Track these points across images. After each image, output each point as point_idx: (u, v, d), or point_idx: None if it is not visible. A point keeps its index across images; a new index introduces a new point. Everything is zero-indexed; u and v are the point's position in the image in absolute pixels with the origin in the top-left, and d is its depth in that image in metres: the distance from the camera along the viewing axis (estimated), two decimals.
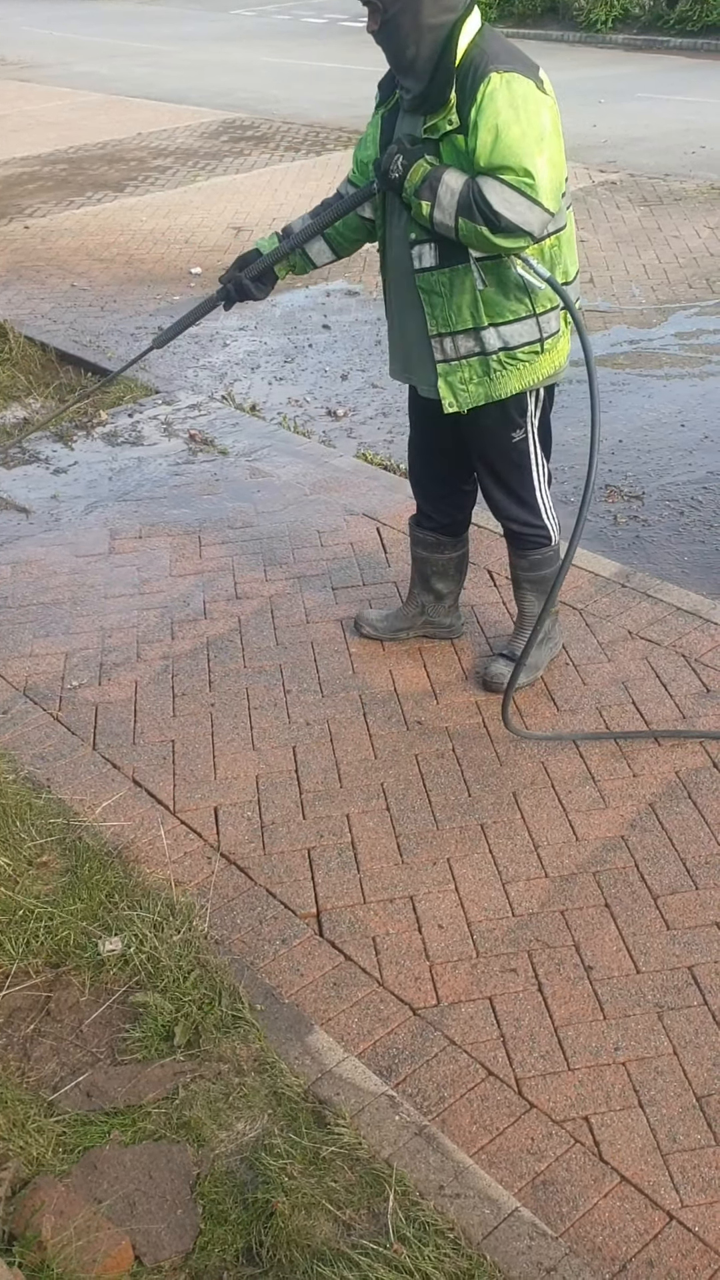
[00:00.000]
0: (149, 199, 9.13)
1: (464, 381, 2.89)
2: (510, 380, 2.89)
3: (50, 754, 3.18)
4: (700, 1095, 2.22)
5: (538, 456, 3.09)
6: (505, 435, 3.02)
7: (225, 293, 3.10)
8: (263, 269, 3.03)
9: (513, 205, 2.58)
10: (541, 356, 2.89)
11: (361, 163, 2.99)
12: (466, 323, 2.83)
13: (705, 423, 5.26)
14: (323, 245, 3.04)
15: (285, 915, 2.64)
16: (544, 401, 3.04)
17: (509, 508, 3.15)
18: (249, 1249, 2.01)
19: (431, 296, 2.83)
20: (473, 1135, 2.16)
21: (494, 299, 2.79)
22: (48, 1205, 1.97)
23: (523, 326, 2.82)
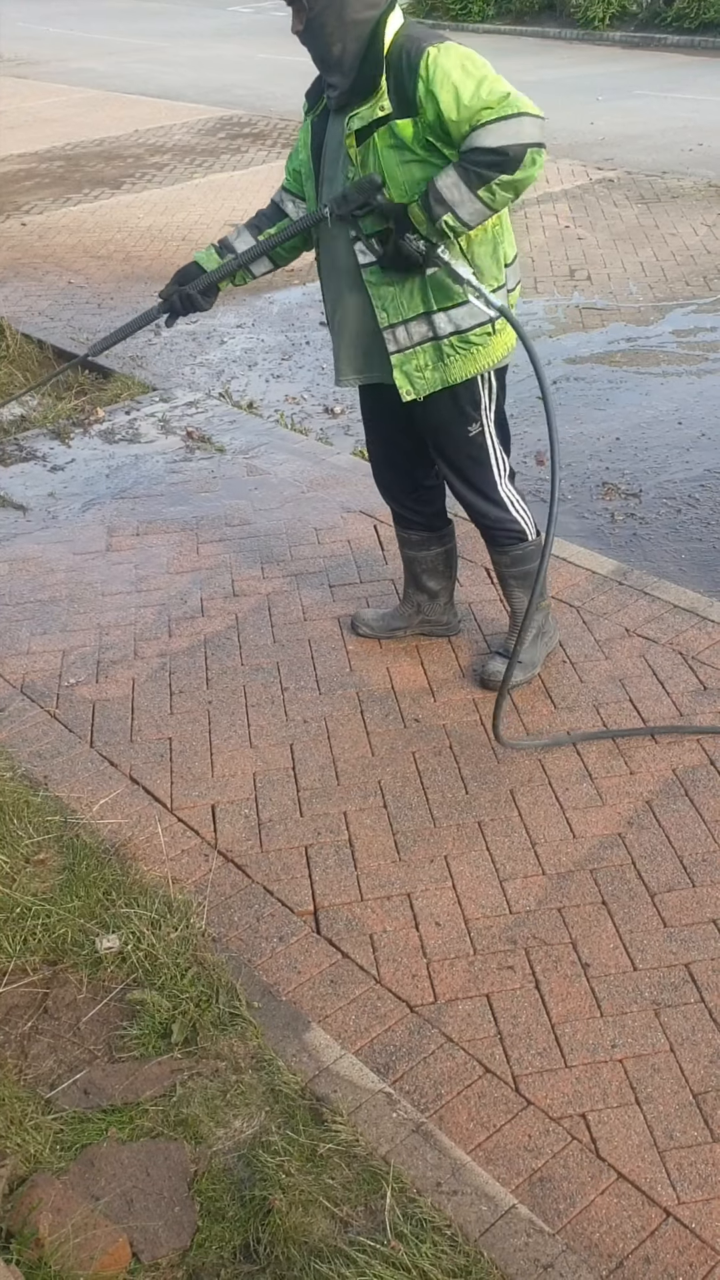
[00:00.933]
0: (146, 196, 9.13)
1: (419, 369, 2.90)
2: (464, 364, 2.89)
3: (47, 751, 3.18)
4: (697, 1092, 2.22)
5: (496, 451, 3.09)
6: (461, 430, 3.02)
7: (169, 306, 3.09)
8: (209, 284, 3.05)
9: (508, 133, 2.55)
10: (494, 338, 2.90)
11: (294, 172, 3.01)
12: (417, 308, 2.83)
13: (702, 420, 5.26)
14: (263, 258, 3.06)
15: (282, 913, 2.64)
16: (497, 393, 3.04)
17: (476, 505, 3.16)
18: (246, 1246, 2.01)
19: (380, 289, 2.83)
20: (470, 1132, 2.17)
21: (442, 283, 2.79)
22: (45, 1202, 1.97)
23: (471, 308, 2.82)
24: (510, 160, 2.57)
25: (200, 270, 3.08)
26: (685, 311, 6.46)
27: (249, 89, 13.51)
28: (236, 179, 9.49)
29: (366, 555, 4.04)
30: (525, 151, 2.57)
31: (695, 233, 7.66)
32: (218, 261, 3.07)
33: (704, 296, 6.63)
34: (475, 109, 2.55)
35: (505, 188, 2.62)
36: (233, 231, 3.12)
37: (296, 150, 2.99)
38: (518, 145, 2.55)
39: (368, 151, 2.70)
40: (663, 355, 5.97)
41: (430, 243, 2.69)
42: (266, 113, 12.09)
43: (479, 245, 2.79)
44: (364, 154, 2.71)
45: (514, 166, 2.57)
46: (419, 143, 2.65)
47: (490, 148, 2.56)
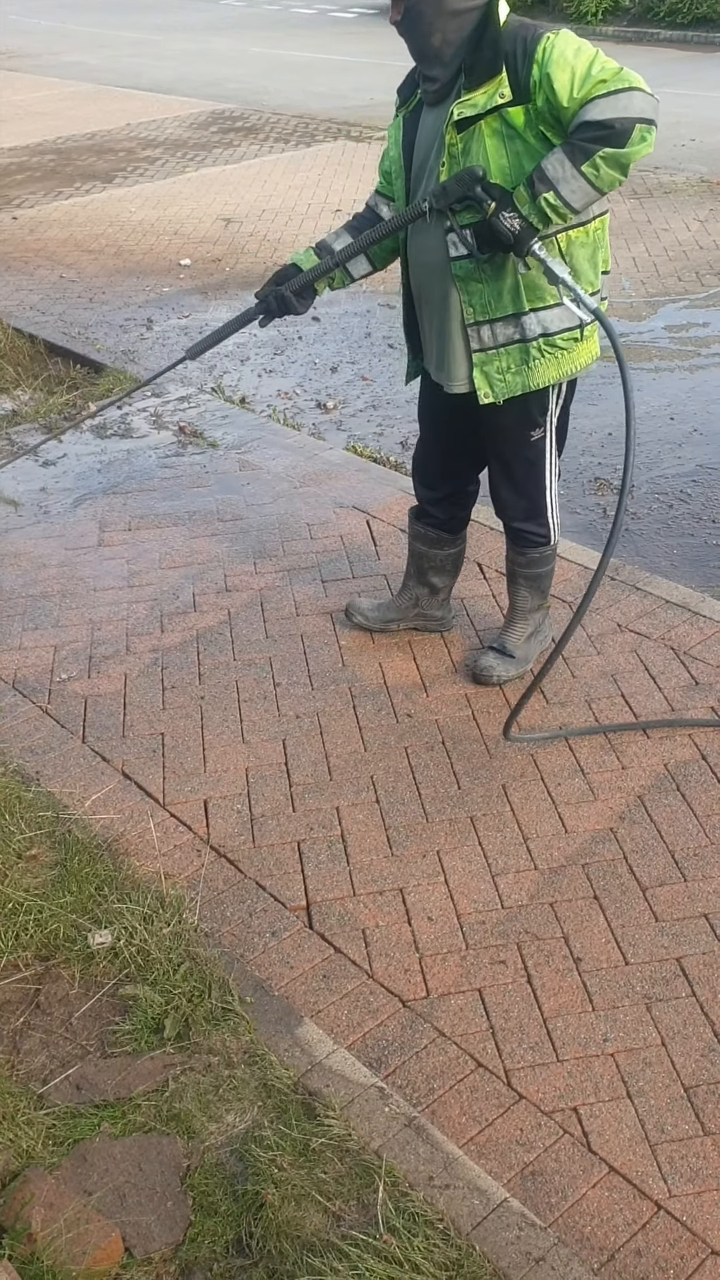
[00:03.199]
0: (138, 190, 9.10)
1: (501, 371, 2.83)
2: (548, 369, 2.83)
3: (39, 747, 3.18)
4: (688, 1086, 2.23)
5: (552, 457, 3.05)
6: (525, 434, 2.97)
7: (265, 306, 3.04)
8: (304, 284, 2.99)
9: (617, 106, 2.47)
10: (580, 344, 2.84)
11: (385, 173, 2.94)
12: (507, 308, 2.76)
13: (694, 416, 5.27)
14: (362, 258, 2.99)
15: (275, 908, 2.65)
16: (565, 399, 2.99)
17: (516, 507, 3.12)
18: (239, 1240, 2.01)
19: (469, 284, 2.76)
20: (462, 1126, 2.17)
21: (535, 283, 2.73)
22: (38, 1198, 1.97)
23: (563, 311, 2.76)
24: (617, 134, 2.47)
25: (297, 271, 3.01)
26: (678, 307, 6.46)
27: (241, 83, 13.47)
28: (229, 173, 9.46)
29: (359, 550, 4.04)
30: (634, 126, 2.48)
31: (688, 228, 7.66)
32: (315, 262, 3.00)
33: (696, 292, 6.63)
34: (588, 88, 2.48)
35: (610, 164, 2.51)
36: (331, 234, 3.06)
37: (386, 150, 2.93)
38: (626, 119, 2.47)
39: (470, 140, 2.63)
40: (655, 351, 5.97)
41: (527, 223, 2.58)
42: (259, 107, 12.05)
43: (579, 247, 2.73)
44: (466, 143, 2.64)
45: (621, 140, 2.48)
46: (530, 130, 2.59)
47: (598, 121, 2.48)
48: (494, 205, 2.59)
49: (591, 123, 2.49)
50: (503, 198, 2.60)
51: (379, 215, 3.00)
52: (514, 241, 2.61)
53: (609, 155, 2.50)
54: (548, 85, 2.52)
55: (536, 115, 2.57)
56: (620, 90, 2.48)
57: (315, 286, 3.03)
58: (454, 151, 2.66)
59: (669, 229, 7.66)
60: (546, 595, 3.33)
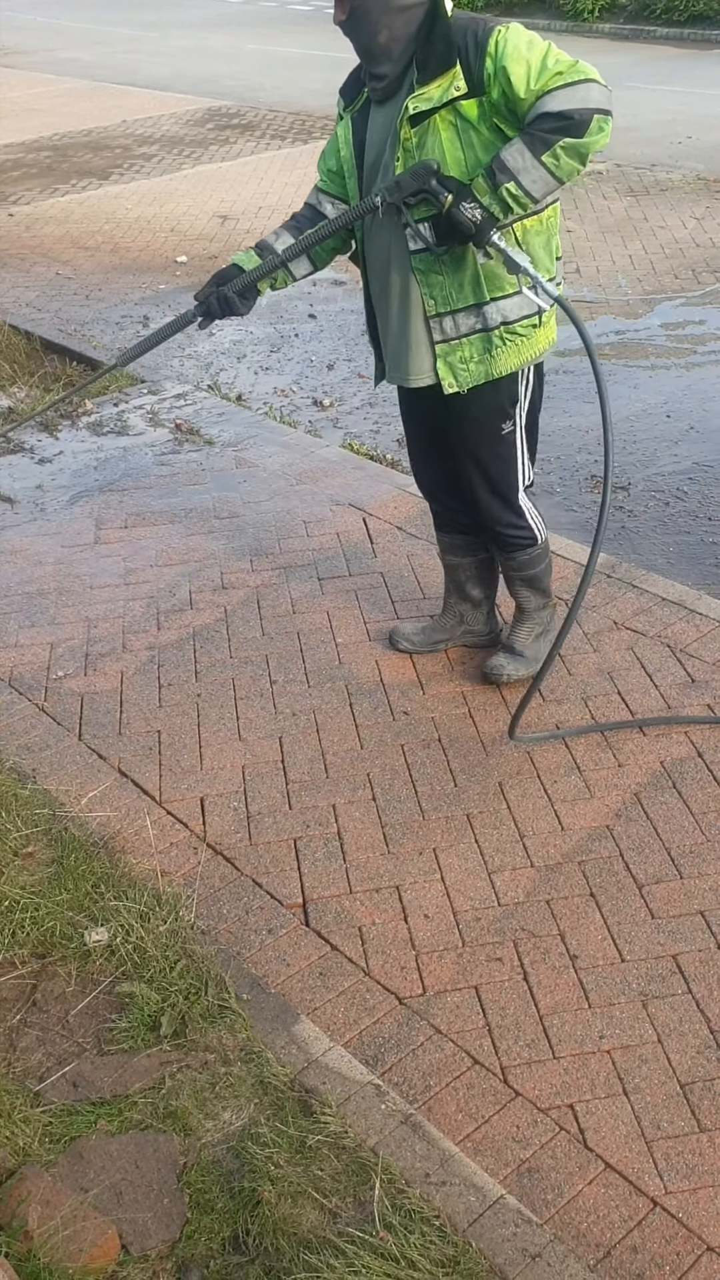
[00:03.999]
0: (134, 187, 9.09)
1: (464, 360, 2.85)
2: (510, 356, 2.85)
3: (36, 744, 3.17)
4: (684, 1083, 2.23)
5: (523, 453, 3.06)
6: (495, 427, 2.99)
7: (206, 308, 3.01)
8: (247, 284, 2.96)
9: (575, 97, 2.50)
10: (538, 330, 2.86)
11: (330, 172, 2.94)
12: (468, 299, 2.77)
13: (690, 413, 5.27)
14: (304, 258, 2.98)
15: (271, 905, 2.65)
16: (533, 391, 3.01)
17: (494, 510, 3.11)
18: (235, 1237, 2.01)
19: (430, 276, 2.77)
20: (458, 1123, 2.17)
21: (494, 273, 2.74)
22: (34, 1195, 1.97)
23: (521, 299, 2.78)
24: (576, 124, 2.51)
25: (239, 271, 2.97)
26: (674, 304, 6.46)
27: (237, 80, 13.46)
28: (225, 170, 9.45)
29: (355, 548, 4.04)
30: (592, 117, 2.51)
31: (684, 226, 7.66)
32: (257, 262, 2.96)
33: (693, 290, 6.63)
34: (544, 80, 2.50)
35: (570, 153, 2.54)
36: (270, 234, 3.03)
37: (330, 150, 2.92)
38: (584, 109, 2.50)
39: (425, 134, 2.63)
40: (651, 348, 5.97)
41: (488, 214, 2.58)
42: (255, 104, 12.04)
43: (535, 235, 2.74)
44: (420, 137, 2.64)
45: (580, 130, 2.51)
46: (484, 123, 2.60)
47: (556, 112, 2.50)
48: (451, 197, 2.60)
49: (551, 114, 2.51)
50: (460, 190, 2.61)
51: (321, 213, 2.98)
52: (475, 232, 2.61)
53: (569, 145, 2.53)
54: (503, 78, 2.53)
55: (491, 108, 2.58)
56: (577, 82, 2.51)
57: (258, 287, 3.00)
58: (409, 146, 2.66)
59: (665, 226, 7.66)
60: (549, 593, 3.31)
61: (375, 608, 3.71)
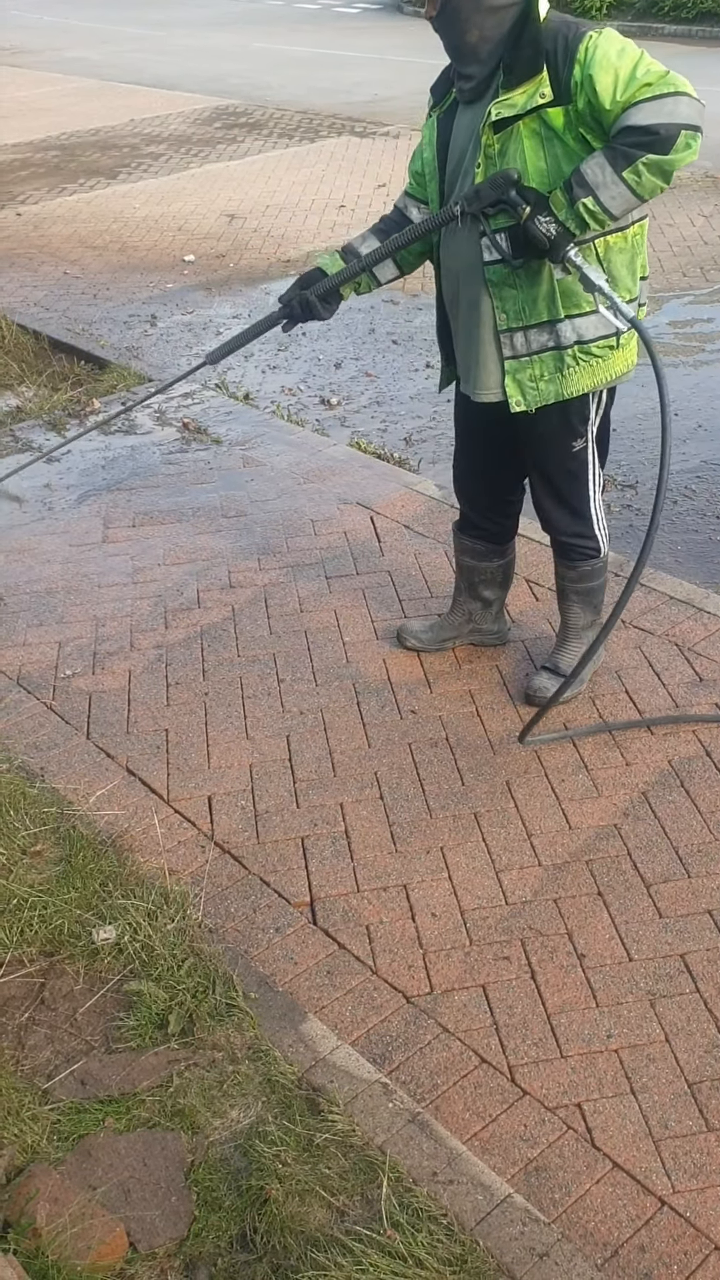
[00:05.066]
0: (142, 186, 9.09)
1: (534, 379, 2.75)
2: (583, 377, 2.75)
3: (44, 743, 3.18)
4: (692, 1082, 2.23)
5: (595, 466, 2.97)
6: (566, 444, 2.90)
7: (289, 311, 2.96)
8: (330, 288, 2.91)
9: (662, 111, 2.39)
10: (616, 352, 2.76)
11: (417, 174, 2.86)
12: (541, 315, 2.68)
13: (699, 412, 5.26)
14: (389, 263, 2.91)
15: (279, 904, 2.65)
16: (605, 408, 2.93)
17: (560, 519, 3.04)
18: (243, 1235, 2.02)
19: (503, 289, 2.68)
20: (466, 1122, 2.17)
21: (571, 289, 2.64)
22: (42, 1192, 1.97)
23: (599, 318, 2.67)
24: (661, 140, 2.39)
25: (322, 275, 2.92)
26: (682, 302, 6.45)
27: (244, 78, 13.45)
28: (233, 169, 9.45)
29: (363, 547, 4.03)
30: (679, 132, 2.39)
31: (692, 223, 7.64)
32: (341, 266, 2.90)
33: (701, 287, 6.62)
34: (633, 90, 2.40)
35: (653, 170, 2.42)
36: (357, 237, 2.97)
37: (419, 151, 2.83)
38: (671, 124, 2.38)
39: (508, 141, 2.55)
40: (659, 346, 5.96)
41: (564, 229, 2.50)
42: (263, 102, 12.04)
43: (617, 253, 2.65)
44: (503, 144, 2.56)
45: (665, 147, 2.39)
46: (569, 132, 2.51)
47: (641, 126, 2.39)
48: (529, 209, 2.51)
49: (635, 127, 2.40)
50: (538, 201, 2.51)
51: (407, 218, 2.91)
52: (549, 247, 2.52)
53: (652, 162, 2.42)
54: (590, 87, 2.43)
55: (577, 117, 2.49)
56: (666, 95, 2.40)
57: (341, 291, 2.94)
58: (490, 153, 2.58)
59: (673, 224, 7.64)
60: (599, 611, 3.22)
61: (383, 606, 3.71)
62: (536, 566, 3.79)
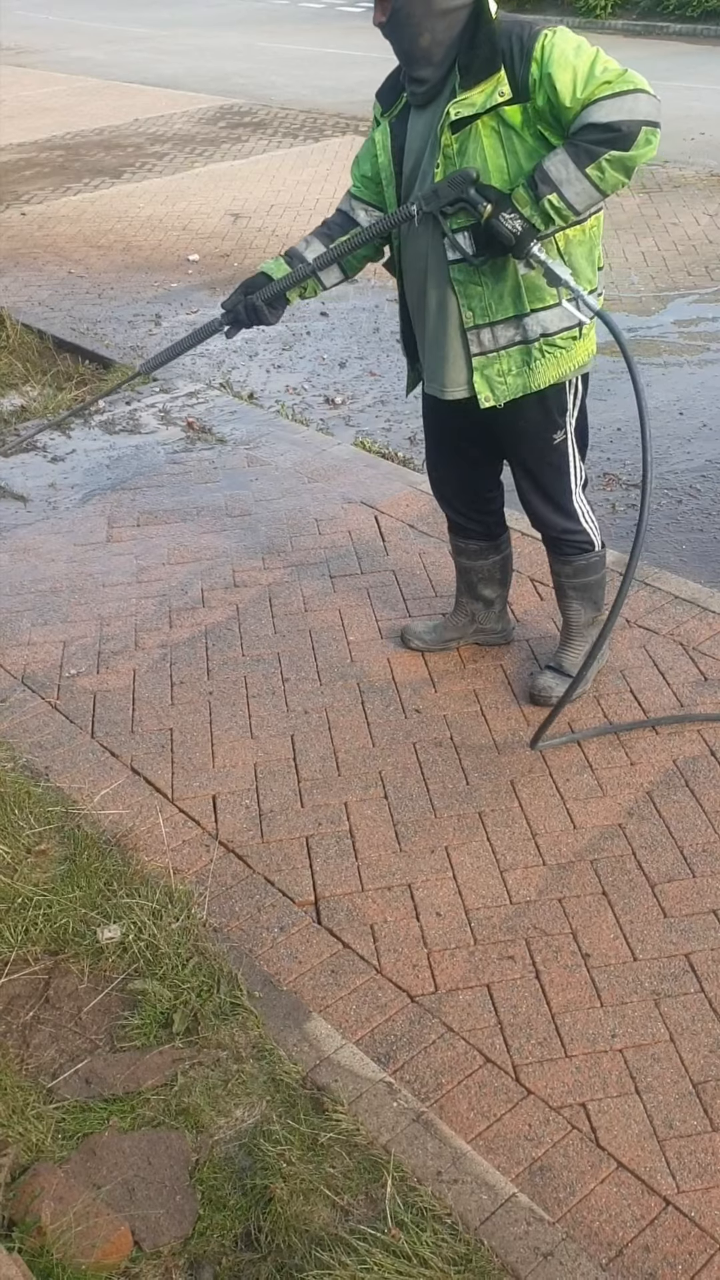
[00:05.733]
0: (146, 185, 9.10)
1: (502, 374, 2.77)
2: (549, 369, 2.78)
3: (48, 742, 3.18)
4: (697, 1082, 2.23)
5: (575, 459, 2.98)
6: (546, 438, 2.91)
7: (234, 316, 2.96)
8: (276, 293, 2.91)
9: (622, 108, 2.42)
10: (578, 342, 2.79)
11: (364, 178, 2.86)
12: (508, 310, 2.70)
13: (703, 411, 5.25)
14: (334, 266, 2.91)
15: (283, 903, 2.65)
16: (581, 398, 2.93)
17: (546, 515, 3.05)
18: (247, 1234, 2.02)
19: (468, 287, 2.70)
20: (470, 1122, 2.17)
21: (535, 284, 2.66)
22: (47, 1191, 1.98)
23: (562, 311, 2.69)
24: (623, 136, 2.43)
25: (268, 279, 2.92)
26: (687, 301, 6.44)
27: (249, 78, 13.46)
28: (237, 168, 9.46)
29: (367, 546, 4.03)
30: (640, 129, 2.43)
31: (697, 222, 7.63)
32: (286, 270, 2.91)
33: (706, 286, 6.61)
34: (591, 89, 2.42)
35: (615, 166, 2.46)
36: (301, 242, 2.97)
37: (366, 155, 2.84)
38: (632, 121, 2.42)
39: (466, 140, 2.56)
40: (664, 345, 5.95)
41: (529, 225, 2.52)
42: (267, 102, 12.04)
43: (577, 245, 2.67)
44: (461, 144, 2.57)
45: (627, 143, 2.43)
46: (528, 129, 2.53)
47: (603, 123, 2.42)
48: (491, 207, 2.53)
49: (597, 124, 2.43)
50: (499, 199, 2.54)
51: (354, 220, 2.92)
52: (514, 243, 2.54)
53: (615, 158, 2.46)
54: (549, 84, 2.45)
55: (535, 114, 2.51)
56: (625, 92, 2.42)
57: (287, 295, 2.95)
58: (449, 153, 2.59)
59: (678, 223, 7.63)
60: (600, 607, 3.21)
61: (387, 606, 3.70)
62: (540, 565, 3.78)
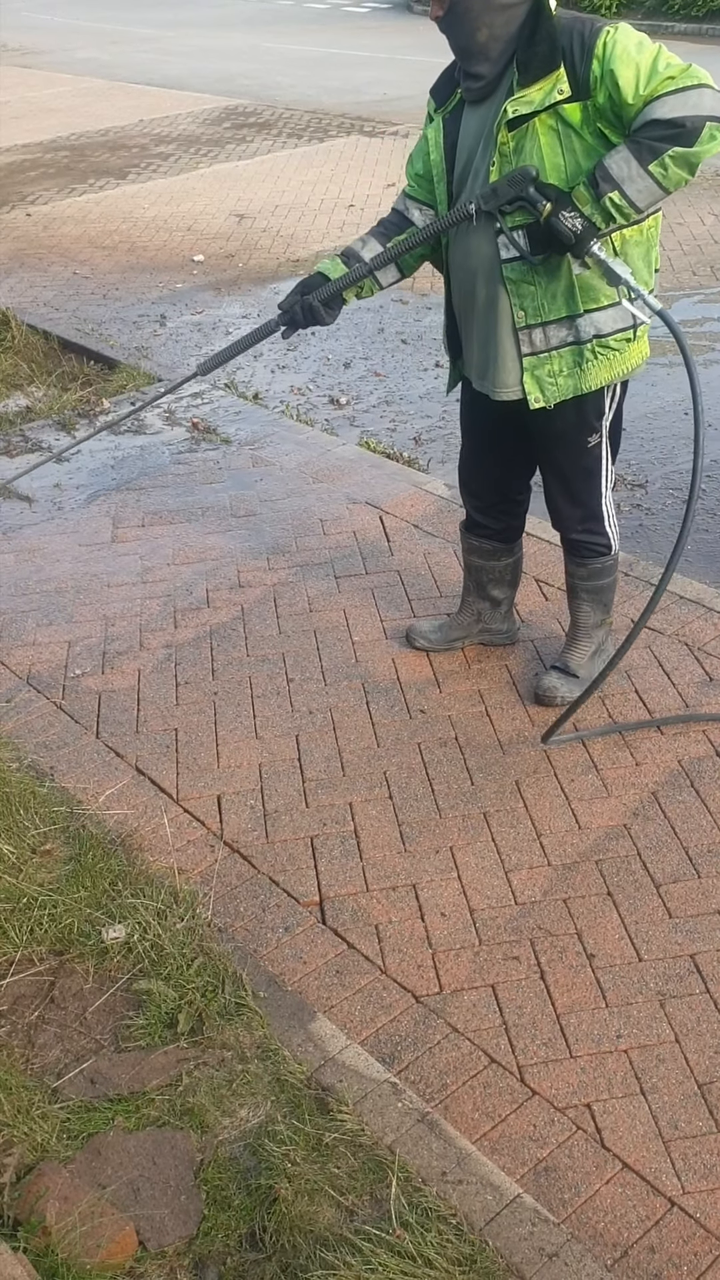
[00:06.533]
0: (151, 186, 9.10)
1: (553, 374, 2.74)
2: (601, 371, 2.74)
3: (53, 742, 3.19)
4: (702, 1083, 2.22)
5: (608, 463, 2.97)
6: (581, 440, 2.89)
7: (290, 317, 2.93)
8: (333, 293, 2.87)
9: (687, 104, 2.38)
10: (632, 344, 2.76)
11: (418, 176, 2.84)
12: (561, 311, 2.67)
13: (709, 410, 5.24)
14: (391, 266, 2.89)
15: (288, 903, 2.65)
16: (619, 401, 2.91)
17: (572, 516, 3.03)
18: (252, 1234, 2.02)
19: (521, 286, 2.67)
20: (475, 1122, 2.17)
21: (590, 284, 2.63)
22: (52, 1191, 1.98)
23: (616, 312, 2.67)
24: (687, 132, 2.38)
25: (324, 279, 2.88)
26: (693, 301, 6.43)
27: (254, 78, 13.46)
28: (242, 169, 9.46)
29: (372, 547, 4.03)
30: (704, 124, 2.38)
31: (703, 222, 7.62)
32: (342, 270, 2.87)
33: (711, 286, 6.60)
34: (655, 85, 2.39)
35: (679, 163, 2.42)
36: (357, 241, 2.94)
37: (419, 152, 2.81)
38: (697, 117, 2.37)
39: (523, 139, 2.53)
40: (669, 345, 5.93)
41: (589, 223, 2.49)
42: (272, 102, 12.04)
43: (634, 245, 2.64)
44: (518, 141, 2.54)
45: (690, 139, 2.39)
46: (587, 127, 2.50)
47: (666, 119, 2.38)
48: (550, 205, 2.50)
49: (660, 120, 2.40)
50: (559, 198, 2.50)
51: (408, 220, 2.89)
52: (575, 242, 2.51)
53: (678, 155, 2.42)
54: (611, 81, 2.42)
55: (595, 112, 2.48)
56: (689, 87, 2.38)
57: (344, 295, 2.91)
58: (505, 151, 2.56)
59: (683, 223, 7.62)
60: (610, 610, 3.22)
61: (392, 606, 3.70)
62: (546, 566, 3.79)
